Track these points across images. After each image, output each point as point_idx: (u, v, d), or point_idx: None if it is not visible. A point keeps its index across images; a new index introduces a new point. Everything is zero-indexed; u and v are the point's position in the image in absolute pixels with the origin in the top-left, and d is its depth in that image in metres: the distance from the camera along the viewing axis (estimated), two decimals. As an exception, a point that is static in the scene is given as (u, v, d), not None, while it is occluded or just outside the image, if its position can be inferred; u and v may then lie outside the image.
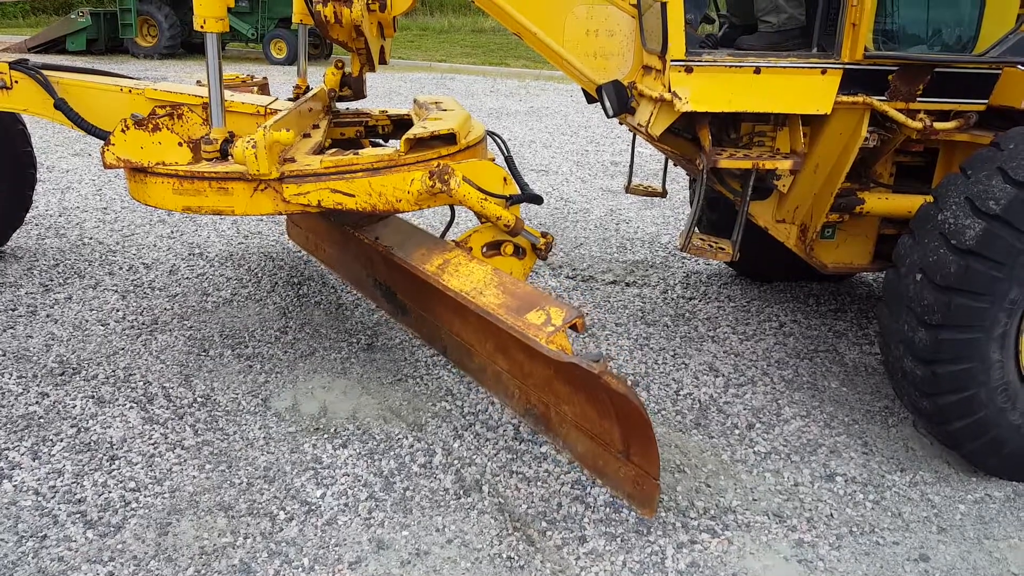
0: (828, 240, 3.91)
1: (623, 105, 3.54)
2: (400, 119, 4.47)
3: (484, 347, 3.27)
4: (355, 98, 4.48)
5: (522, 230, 3.35)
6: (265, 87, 4.64)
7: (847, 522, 2.94)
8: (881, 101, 3.29)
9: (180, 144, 3.22)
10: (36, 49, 17.77)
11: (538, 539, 2.77)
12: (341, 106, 4.50)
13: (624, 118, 3.70)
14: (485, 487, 3.03)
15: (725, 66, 3.20)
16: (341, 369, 3.90)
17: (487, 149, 3.78)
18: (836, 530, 2.89)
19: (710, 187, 3.72)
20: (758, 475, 3.19)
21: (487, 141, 3.81)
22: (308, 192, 3.19)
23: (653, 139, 3.53)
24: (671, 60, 3.17)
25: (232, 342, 4.13)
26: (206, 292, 4.77)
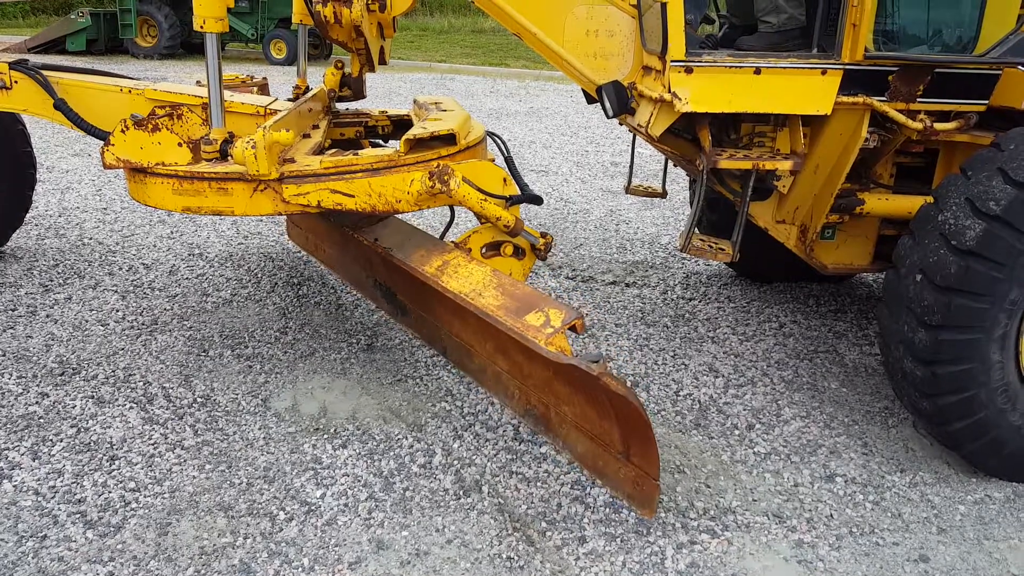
0: (828, 241, 3.91)
1: (623, 106, 3.54)
2: (400, 119, 4.46)
3: (484, 348, 3.27)
4: (355, 98, 4.47)
5: (522, 231, 3.35)
6: (265, 87, 4.64)
7: (847, 523, 2.94)
8: (881, 102, 3.29)
9: (180, 144, 3.22)
10: (36, 49, 17.77)
11: (538, 539, 2.77)
12: (341, 106, 4.50)
13: (624, 119, 3.70)
14: (485, 487, 3.03)
15: (725, 67, 3.20)
16: (341, 369, 3.89)
17: (487, 150, 3.78)
18: (836, 531, 2.89)
19: (710, 188, 3.72)
20: (758, 476, 3.19)
21: (487, 142, 3.81)
22: (308, 192, 3.19)
23: (653, 140, 3.53)
24: (671, 60, 3.17)
25: (232, 342, 4.13)
26: (206, 292, 4.77)
